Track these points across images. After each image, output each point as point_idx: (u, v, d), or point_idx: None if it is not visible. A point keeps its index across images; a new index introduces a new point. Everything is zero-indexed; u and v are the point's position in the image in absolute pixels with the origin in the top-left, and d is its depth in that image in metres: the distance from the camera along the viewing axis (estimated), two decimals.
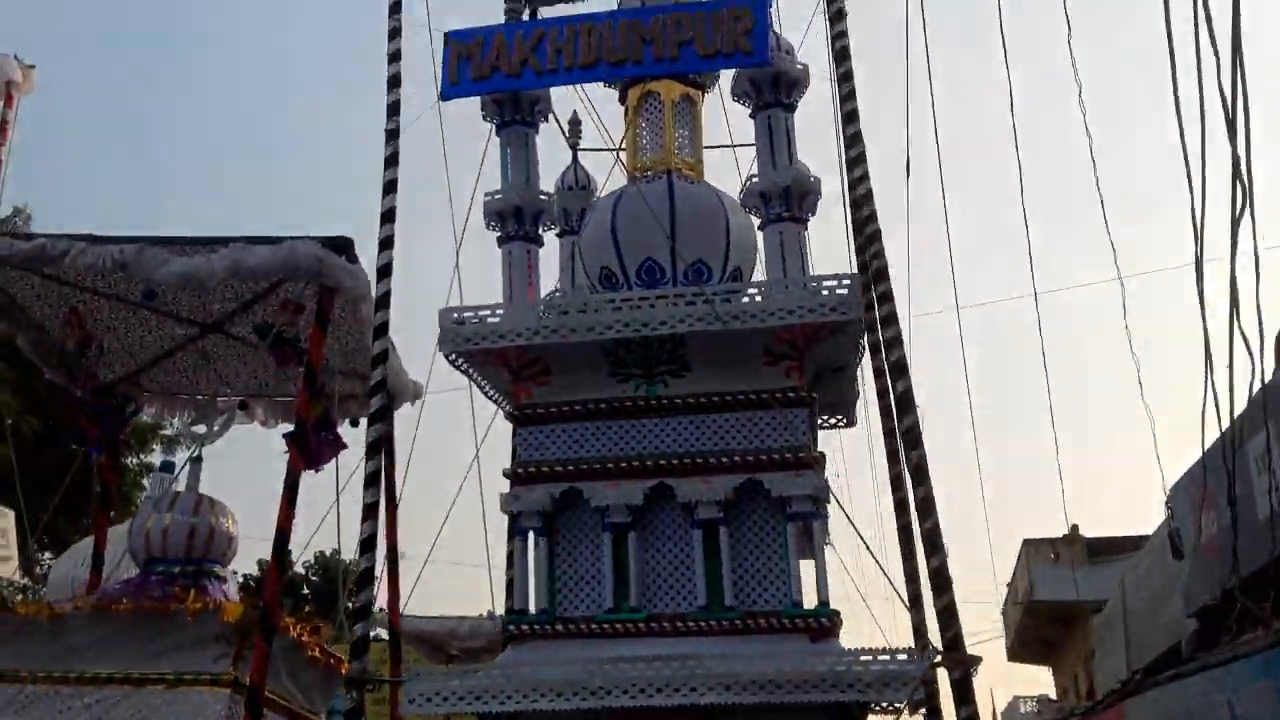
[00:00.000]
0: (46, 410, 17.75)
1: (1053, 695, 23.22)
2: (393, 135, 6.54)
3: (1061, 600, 19.25)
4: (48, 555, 20.59)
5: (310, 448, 6.08)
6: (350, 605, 6.21)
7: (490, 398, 6.79)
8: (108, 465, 7.64)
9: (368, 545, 5.79)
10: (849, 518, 5.91)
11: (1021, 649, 23.73)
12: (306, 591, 28.83)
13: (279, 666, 5.98)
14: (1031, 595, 20.12)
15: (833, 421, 7.57)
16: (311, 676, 6.81)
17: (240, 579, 9.45)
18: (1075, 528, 19.87)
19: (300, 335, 6.51)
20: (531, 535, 6.07)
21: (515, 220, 7.07)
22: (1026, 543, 20.91)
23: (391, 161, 6.48)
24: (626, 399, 6.19)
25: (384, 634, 9.67)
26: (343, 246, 6.43)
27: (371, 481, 5.93)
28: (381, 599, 6.22)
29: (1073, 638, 20.69)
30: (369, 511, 5.81)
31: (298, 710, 6.82)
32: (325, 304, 6.37)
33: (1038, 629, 21.61)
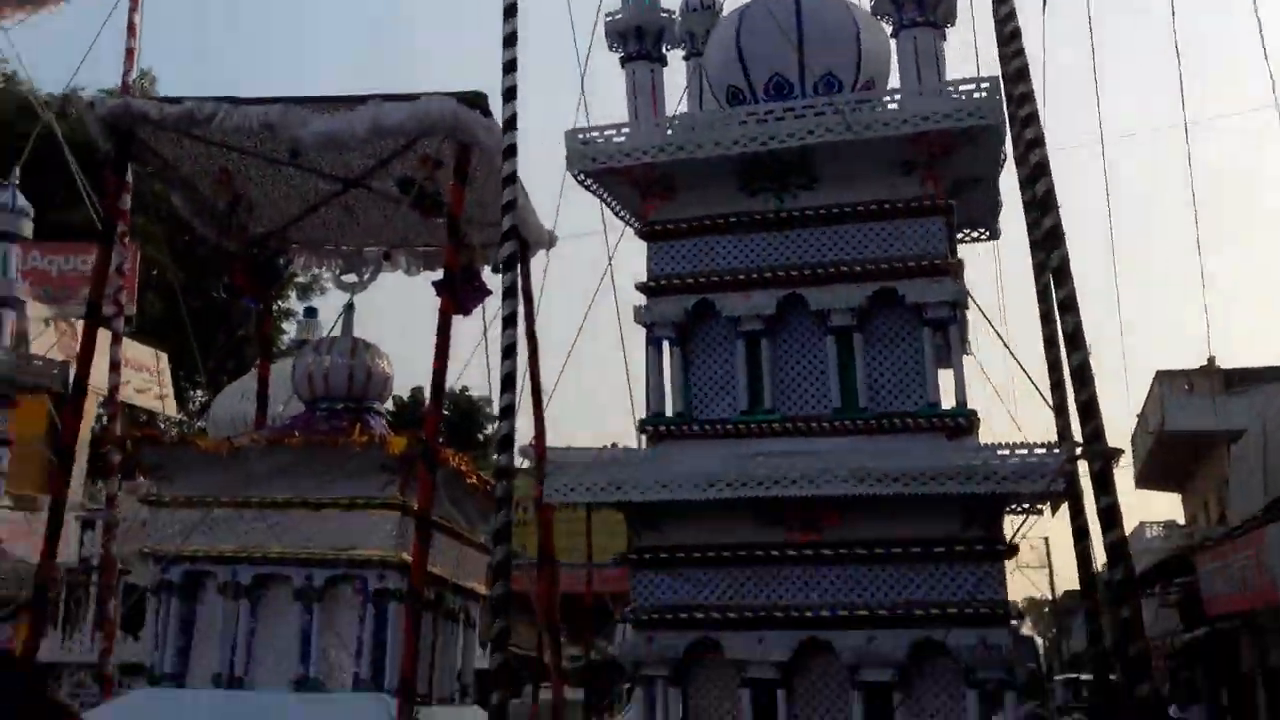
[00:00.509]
0: (190, 263, 18.72)
1: (1181, 521, 23.30)
2: None
3: (1195, 430, 19.18)
4: (199, 393, 22.03)
5: (459, 294, 6.44)
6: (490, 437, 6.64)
7: (620, 217, 6.86)
8: (265, 314, 8.18)
9: (507, 383, 6.15)
10: (989, 320, 5.90)
11: (1149, 477, 23.76)
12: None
13: (441, 493, 6.46)
14: (1164, 425, 20.02)
15: (974, 235, 7.46)
16: (471, 502, 7.36)
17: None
18: (1212, 359, 19.61)
19: (440, 189, 6.79)
20: (666, 345, 6.18)
21: (636, 39, 6.98)
22: (1160, 374, 20.71)
23: (510, 12, 6.52)
24: (756, 212, 6.18)
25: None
26: (476, 101, 6.63)
27: (509, 323, 6.24)
28: (525, 432, 6.59)
29: (1205, 466, 20.64)
30: (507, 351, 6.13)
31: (460, 531, 7.41)
32: (463, 158, 6.62)
33: (1168, 457, 21.59)
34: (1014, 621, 5.48)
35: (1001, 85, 5.75)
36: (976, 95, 5.79)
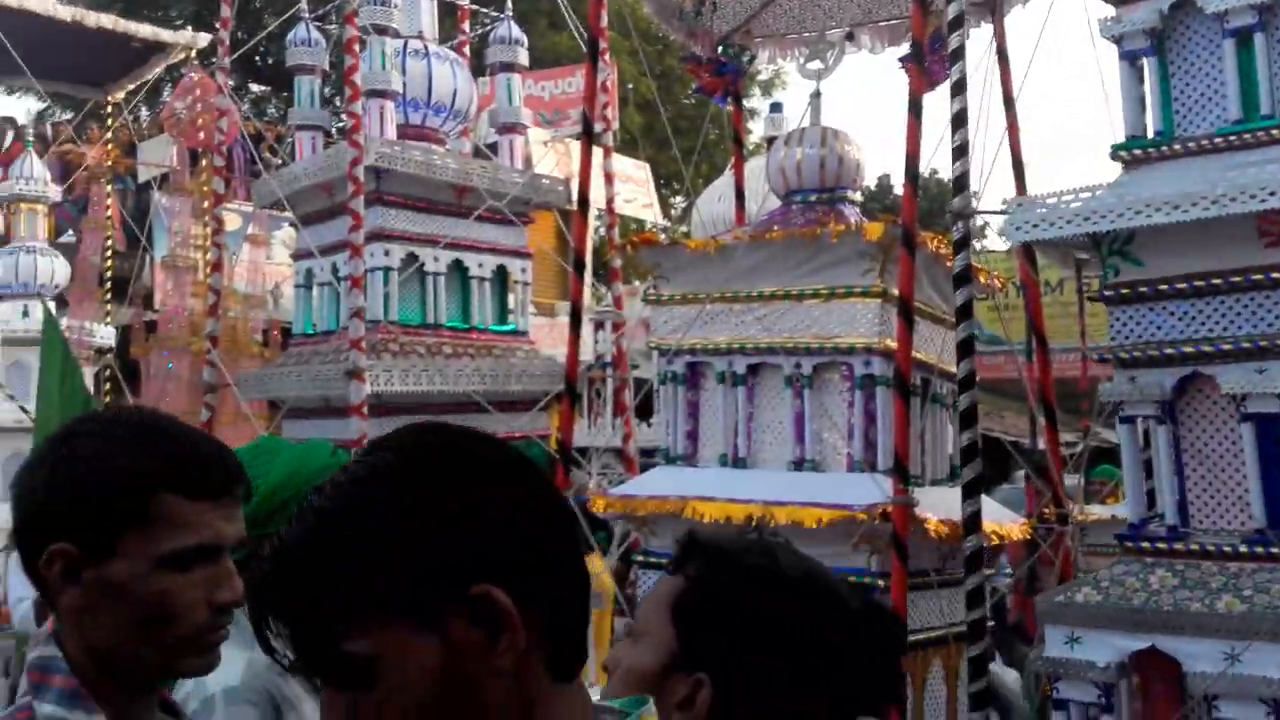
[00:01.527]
0: (660, 74, 19.55)
1: None
2: None
3: None
4: (678, 199, 23.38)
5: (927, 67, 6.10)
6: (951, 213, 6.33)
7: None
8: (736, 112, 8.34)
9: (959, 152, 5.77)
10: None
11: None
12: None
13: (921, 277, 6.38)
14: None
15: None
16: (951, 286, 7.17)
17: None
18: None
19: None
20: (1144, 61, 5.48)
21: None
22: None
23: None
24: None
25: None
26: None
27: (957, 90, 5.81)
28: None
29: None
30: (957, 120, 5.73)
31: (940, 316, 7.31)
32: None
33: None
34: None
35: None
36: None
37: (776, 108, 11.80)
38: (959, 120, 5.61)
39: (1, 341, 9.51)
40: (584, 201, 5.26)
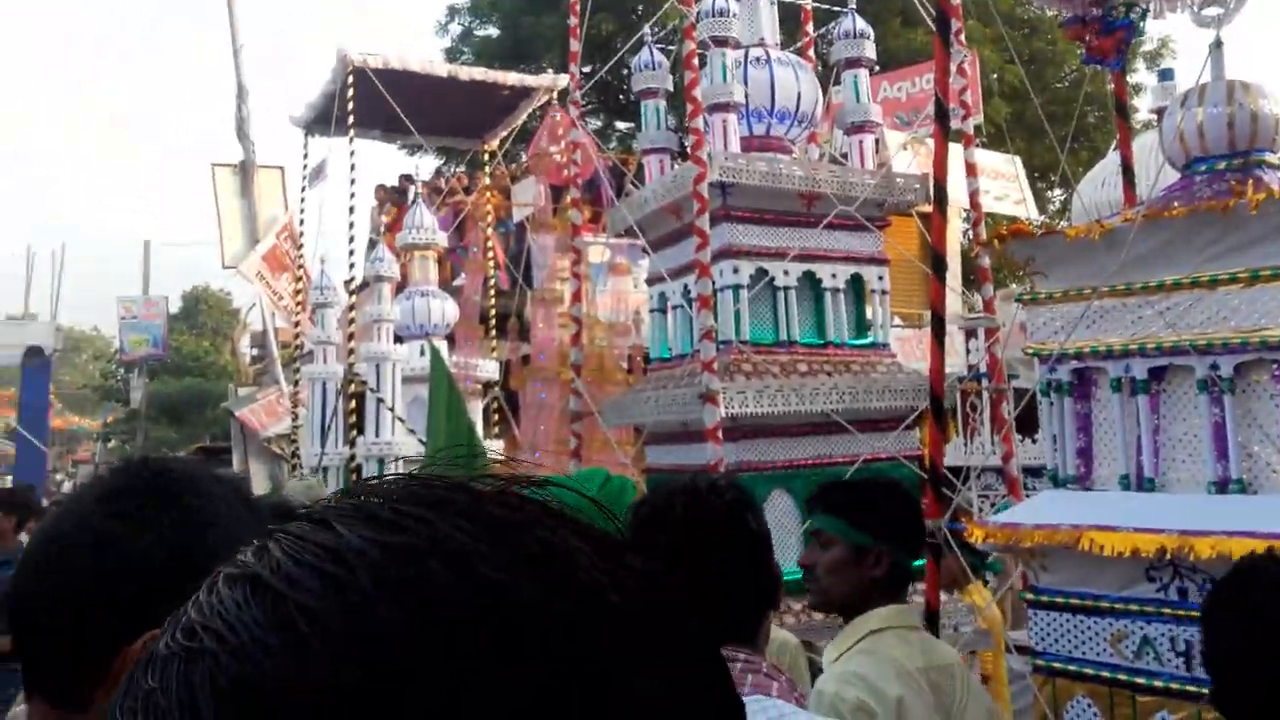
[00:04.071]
0: (1027, 60, 18.22)
1: None
2: None
3: None
4: (1057, 192, 21.65)
5: None
6: None
7: None
8: (1118, 79, 7.39)
9: None
10: None
11: None
12: None
13: None
14: None
15: None
16: None
17: None
18: None
19: None
20: None
21: None
22: None
23: None
24: None
25: None
26: None
27: None
28: None
29: None
30: None
31: None
32: None
33: None
34: None
35: None
36: None
37: (1166, 75, 10.43)
38: None
39: (401, 379, 10.38)
40: (940, 194, 4.74)
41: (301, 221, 13.17)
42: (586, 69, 7.41)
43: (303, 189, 12.88)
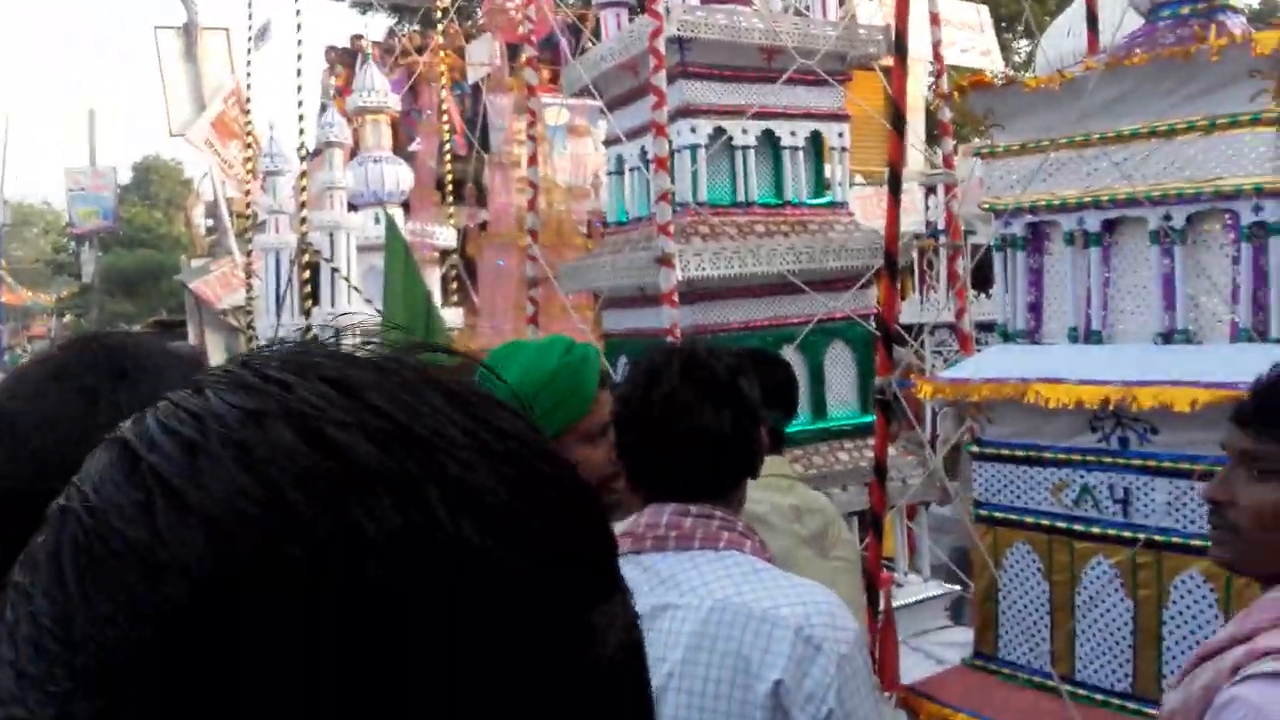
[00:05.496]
0: None
1: None
2: None
3: None
4: (1022, 43, 21.31)
5: None
6: None
7: None
8: None
9: None
10: None
11: None
12: None
13: None
14: None
15: None
16: None
17: None
18: None
19: None
20: None
21: None
22: None
23: None
24: None
25: None
26: None
27: None
28: None
29: None
30: None
31: None
32: None
33: None
34: None
35: None
36: None
37: None
38: None
39: (357, 249, 10.23)
40: (901, 45, 4.63)
41: (249, 86, 12.73)
42: None
43: (249, 51, 12.41)
